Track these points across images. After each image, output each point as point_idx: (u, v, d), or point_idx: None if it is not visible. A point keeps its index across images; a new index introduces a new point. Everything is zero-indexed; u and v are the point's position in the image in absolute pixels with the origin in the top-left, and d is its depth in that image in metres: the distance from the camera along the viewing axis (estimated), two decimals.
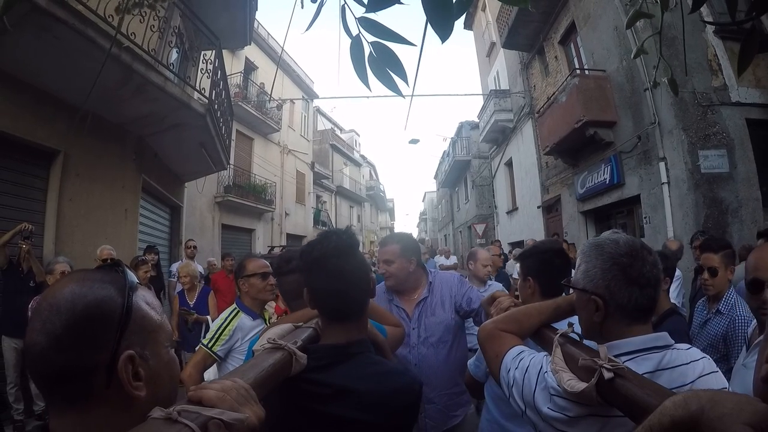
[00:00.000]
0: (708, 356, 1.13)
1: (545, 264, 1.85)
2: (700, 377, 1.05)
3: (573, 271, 1.48)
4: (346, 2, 0.92)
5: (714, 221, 6.69)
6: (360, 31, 0.95)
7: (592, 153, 9.68)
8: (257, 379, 0.89)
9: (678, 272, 4.45)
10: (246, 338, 2.49)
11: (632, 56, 1.65)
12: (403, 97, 1.03)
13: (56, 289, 0.70)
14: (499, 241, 13.58)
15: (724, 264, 2.45)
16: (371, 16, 0.92)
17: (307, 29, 1.05)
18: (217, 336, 2.49)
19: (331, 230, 1.38)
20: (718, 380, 1.07)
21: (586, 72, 9.63)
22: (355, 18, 0.93)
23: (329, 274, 1.22)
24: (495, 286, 3.94)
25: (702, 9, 6.74)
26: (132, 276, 0.78)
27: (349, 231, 1.32)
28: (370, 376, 1.16)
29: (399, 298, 2.51)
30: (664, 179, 7.37)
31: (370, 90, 1.02)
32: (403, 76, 0.97)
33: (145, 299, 0.77)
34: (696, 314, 2.75)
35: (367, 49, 0.96)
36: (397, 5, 0.91)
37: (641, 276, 1.10)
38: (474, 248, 4.70)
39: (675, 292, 4.27)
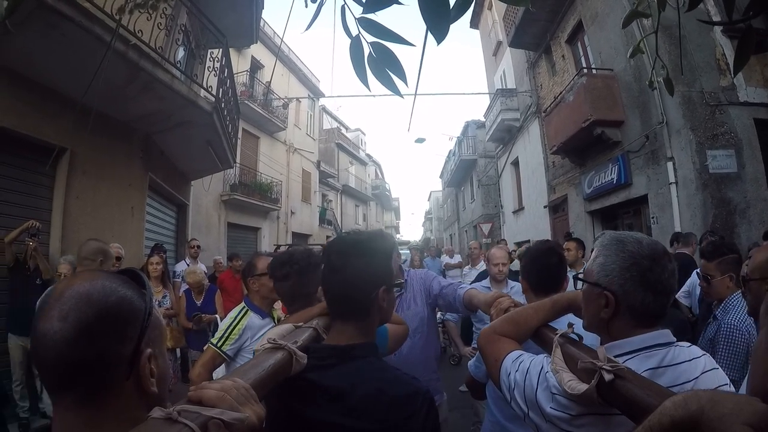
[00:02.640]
0: (708, 354, 1.13)
1: (533, 263, 1.92)
2: (703, 373, 1.05)
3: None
4: (345, 2, 0.92)
5: (722, 222, 6.64)
6: (360, 32, 0.95)
7: (600, 152, 9.63)
8: (257, 379, 0.89)
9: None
10: (255, 337, 2.47)
11: (628, 55, 1.63)
12: (402, 97, 1.03)
13: (82, 282, 0.72)
14: (504, 240, 13.56)
15: (720, 271, 2.42)
16: (370, 16, 0.92)
17: (306, 29, 1.05)
18: (226, 335, 2.47)
19: (352, 230, 1.37)
20: (719, 377, 1.08)
21: (594, 71, 9.57)
22: (355, 18, 0.93)
23: (329, 270, 1.23)
24: (516, 288, 3.70)
25: (710, 8, 6.70)
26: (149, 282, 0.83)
27: (368, 233, 1.30)
28: (369, 381, 1.12)
29: None
30: (671, 179, 7.33)
31: (370, 90, 1.03)
32: (402, 77, 0.96)
33: (155, 304, 0.83)
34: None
35: (366, 50, 0.96)
36: (396, 6, 0.91)
37: (659, 282, 1.08)
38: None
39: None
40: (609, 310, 1.12)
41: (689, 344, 1.14)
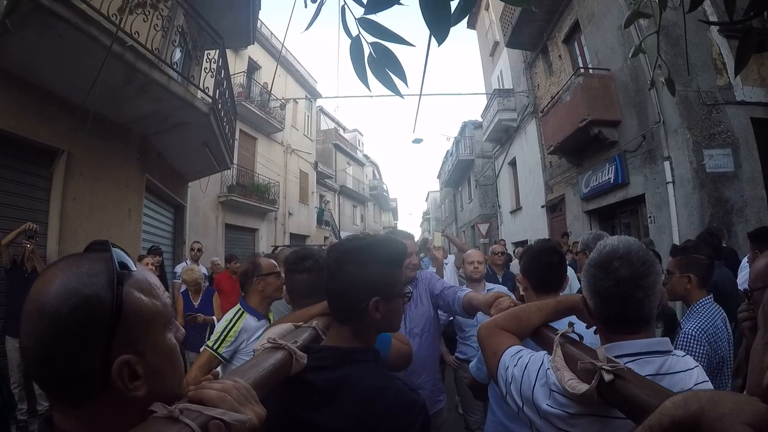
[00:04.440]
0: (699, 365, 1.14)
1: (535, 261, 1.91)
2: (696, 385, 1.06)
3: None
4: (345, 3, 0.92)
5: (719, 221, 6.64)
6: (360, 32, 0.95)
7: (597, 152, 9.64)
8: (257, 379, 0.89)
9: None
10: (251, 339, 2.46)
11: (629, 55, 1.63)
12: (402, 97, 1.03)
13: (42, 287, 0.65)
14: (503, 240, 13.57)
15: (679, 268, 2.32)
16: (371, 16, 0.92)
17: (306, 29, 1.05)
18: (222, 338, 2.46)
19: (356, 235, 1.36)
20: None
21: (591, 71, 9.58)
22: (355, 19, 0.93)
23: (328, 273, 1.24)
24: (497, 290, 3.77)
25: (706, 8, 6.72)
26: (123, 258, 0.71)
27: (371, 239, 1.25)
28: (367, 386, 1.11)
29: None
30: (669, 178, 7.34)
31: (370, 90, 1.03)
32: (403, 77, 0.96)
33: (139, 285, 0.70)
34: None
35: (366, 50, 0.96)
36: (396, 6, 0.91)
37: (603, 289, 1.11)
38: None
39: None
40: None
41: (684, 354, 1.15)
